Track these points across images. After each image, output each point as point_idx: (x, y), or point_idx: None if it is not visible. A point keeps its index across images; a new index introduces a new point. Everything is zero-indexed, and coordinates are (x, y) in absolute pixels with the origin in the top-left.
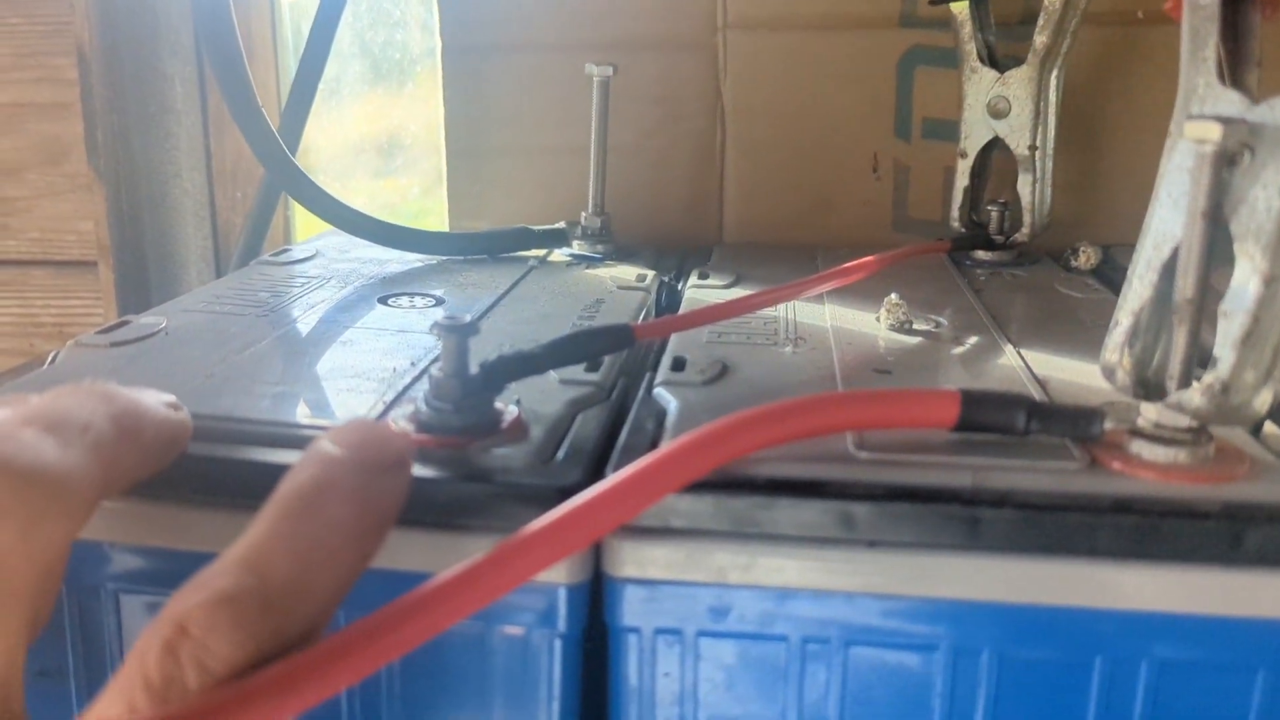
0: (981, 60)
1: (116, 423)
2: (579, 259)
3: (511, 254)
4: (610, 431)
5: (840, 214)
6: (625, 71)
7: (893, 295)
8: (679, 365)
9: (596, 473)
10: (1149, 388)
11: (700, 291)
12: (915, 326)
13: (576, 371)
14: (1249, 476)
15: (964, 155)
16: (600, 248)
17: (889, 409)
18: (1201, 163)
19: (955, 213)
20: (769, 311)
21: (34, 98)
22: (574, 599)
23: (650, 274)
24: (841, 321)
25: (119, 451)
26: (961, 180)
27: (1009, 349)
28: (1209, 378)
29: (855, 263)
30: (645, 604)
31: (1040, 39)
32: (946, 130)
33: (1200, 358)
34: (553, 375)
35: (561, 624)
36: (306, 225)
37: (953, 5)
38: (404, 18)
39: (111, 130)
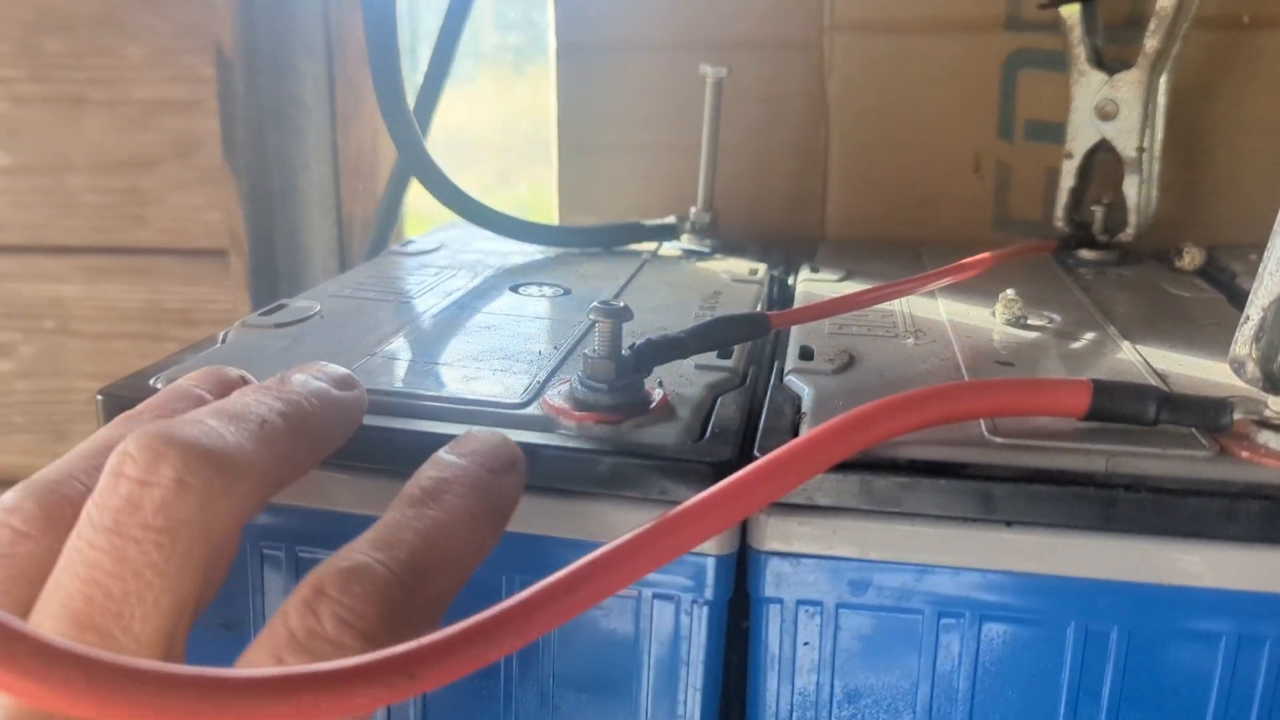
0: (1090, 63)
1: (289, 420)
2: (689, 253)
3: (624, 247)
4: (749, 415)
5: (941, 212)
6: (733, 71)
7: (1009, 291)
8: (807, 354)
9: (744, 452)
10: (1276, 381)
11: (813, 285)
12: (1030, 321)
13: (710, 358)
14: None
15: (1070, 156)
16: (709, 242)
17: (1023, 396)
18: None
19: (1060, 212)
20: (884, 306)
21: (170, 95)
22: (721, 569)
23: (761, 268)
24: (957, 316)
25: (291, 446)
26: (1067, 180)
27: (1125, 344)
28: None
29: (970, 259)
30: (788, 576)
31: (1151, 42)
32: (1049, 132)
33: None
34: (689, 361)
35: (709, 592)
36: (415, 221)
37: (1063, 9)
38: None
39: (248, 125)
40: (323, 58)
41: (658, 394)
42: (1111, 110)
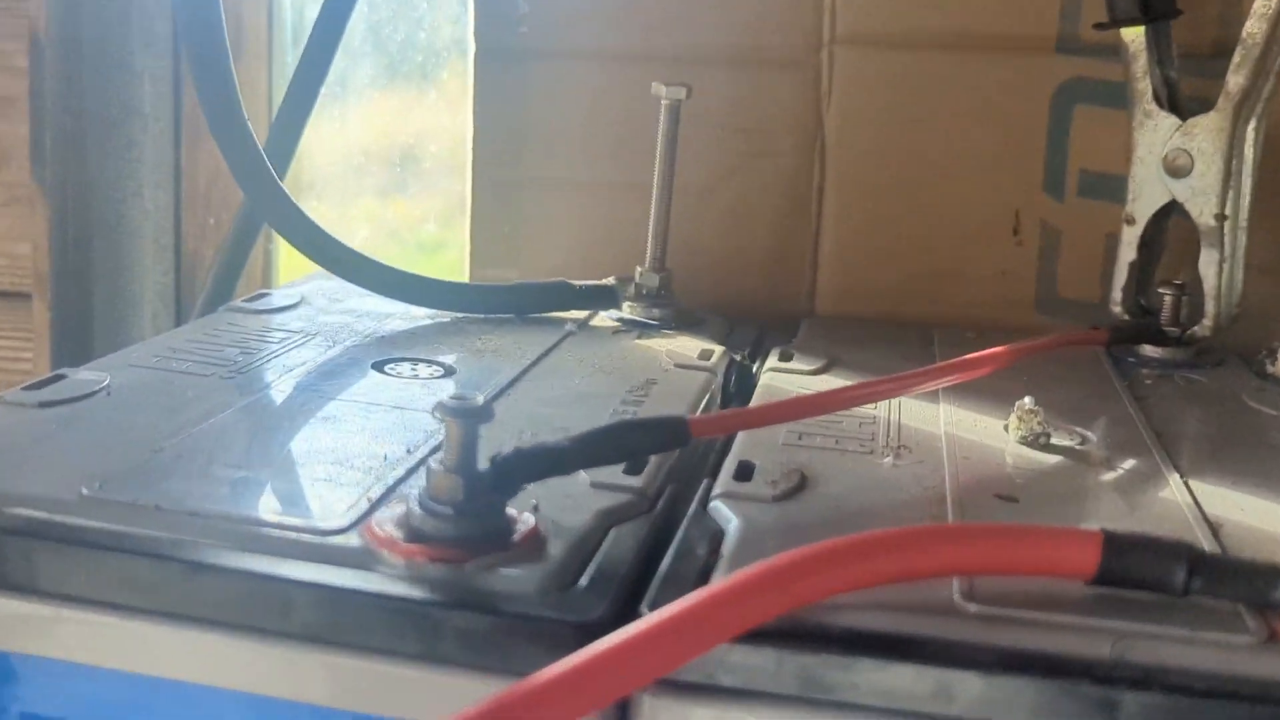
0: (1158, 102)
1: None
2: (630, 325)
3: (545, 314)
4: (651, 554)
5: (968, 287)
6: (700, 92)
7: (1026, 400)
8: (745, 473)
9: (628, 607)
10: None
11: (779, 377)
12: (1054, 441)
13: (614, 473)
14: None
15: (1131, 221)
16: (657, 313)
17: (1010, 550)
18: None
19: (1117, 294)
20: (866, 409)
21: None
22: None
23: (718, 350)
24: (960, 428)
25: None
26: (1127, 253)
27: (1174, 479)
28: None
29: (983, 353)
30: None
31: (1235, 79)
32: (1110, 188)
33: None
34: (584, 476)
35: None
36: (291, 265)
37: (1123, 31)
38: (429, 12)
39: (63, 134)
40: (167, 54)
41: (526, 523)
42: (1184, 164)
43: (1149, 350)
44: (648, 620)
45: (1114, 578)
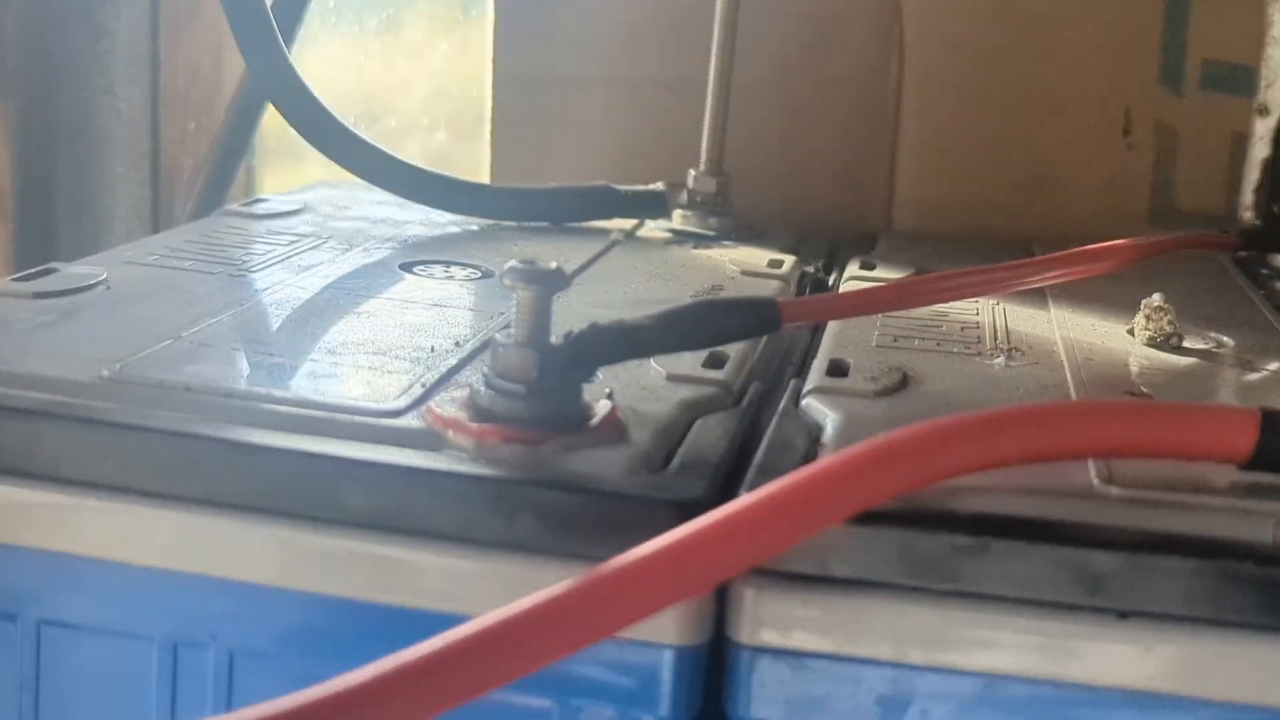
0: None
1: None
2: (683, 236)
3: (585, 224)
4: (742, 447)
5: (1069, 196)
6: None
7: (1156, 297)
8: (839, 370)
9: (725, 493)
10: None
11: (863, 286)
12: (1187, 344)
13: (693, 366)
14: None
15: (1265, 112)
16: (714, 222)
17: (1159, 427)
18: None
19: (1249, 197)
20: (967, 314)
21: None
22: (683, 670)
23: (789, 259)
24: (1076, 331)
25: None
26: (1261, 149)
27: None
28: None
29: (1100, 246)
30: (787, 687)
31: None
32: (1238, 79)
33: None
34: (659, 370)
35: (664, 706)
36: (274, 180)
37: None
38: None
39: (22, 21)
40: None
41: (603, 408)
42: None
43: None
44: (750, 498)
45: (1273, 459)
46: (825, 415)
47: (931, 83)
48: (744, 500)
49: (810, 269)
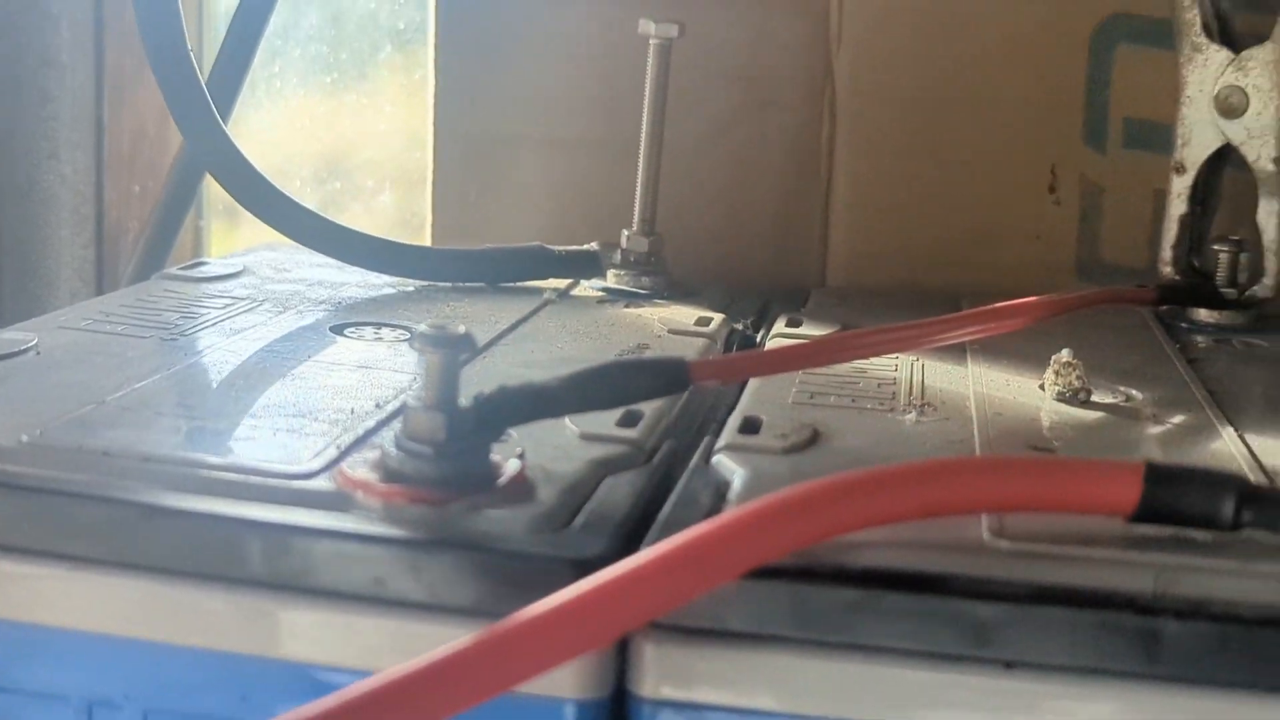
0: (1208, 34)
1: None
2: (616, 295)
3: (519, 283)
4: (649, 504)
5: (999, 251)
6: (694, 34)
7: (1064, 352)
8: (751, 427)
9: (626, 550)
10: None
11: (787, 343)
12: (1095, 399)
13: (606, 425)
14: None
15: (1180, 170)
16: (647, 281)
17: (1046, 483)
18: None
19: (1167, 253)
20: (886, 370)
21: None
22: None
23: (717, 317)
24: (990, 386)
25: None
26: (1178, 206)
27: (1228, 433)
28: None
29: (1017, 302)
30: None
31: None
32: (1158, 137)
33: None
34: (572, 428)
35: None
36: (225, 245)
37: None
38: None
39: None
40: None
41: (512, 468)
42: (1238, 103)
43: (1203, 314)
44: (648, 554)
45: (1157, 512)
46: (734, 472)
47: (863, 141)
48: (642, 556)
49: (739, 326)
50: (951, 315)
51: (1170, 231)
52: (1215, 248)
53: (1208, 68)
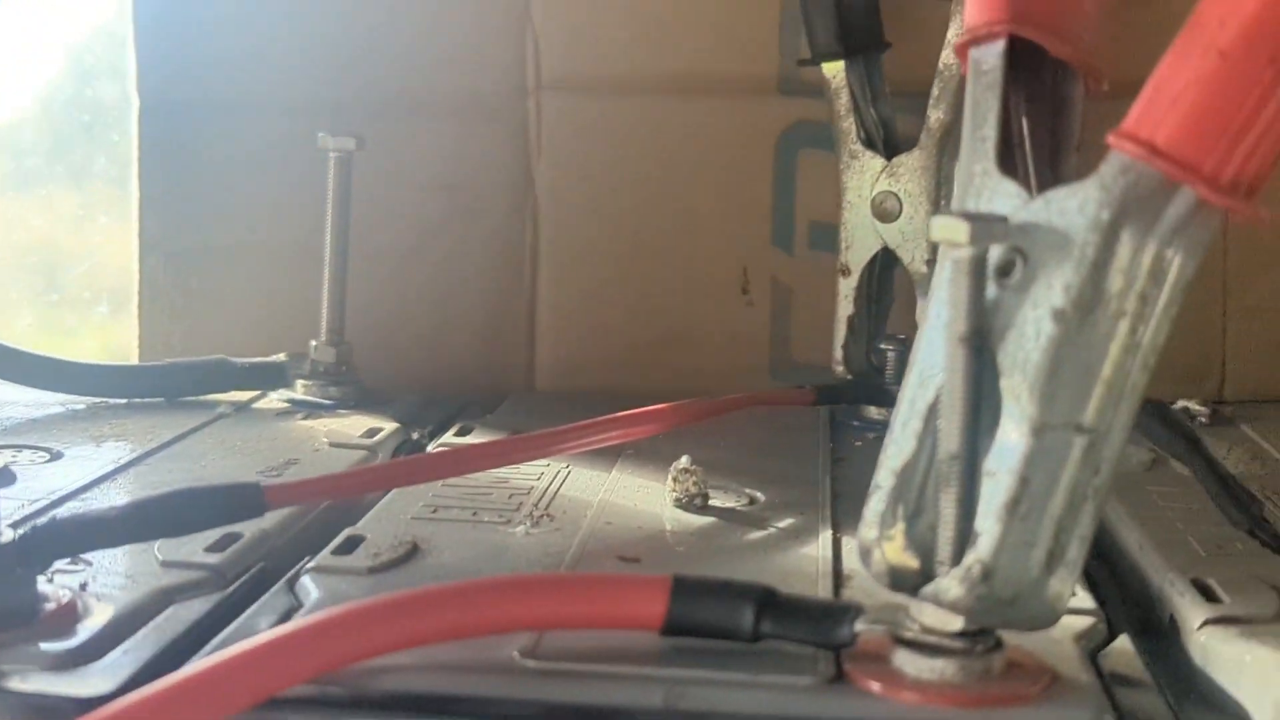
0: (864, 142)
1: None
2: (301, 406)
3: (204, 396)
4: (209, 632)
5: (697, 352)
6: (396, 145)
7: (683, 459)
8: (350, 546)
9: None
10: (906, 577)
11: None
12: (713, 503)
13: (194, 549)
14: (1041, 698)
15: (846, 272)
16: (335, 391)
17: (573, 600)
18: (957, 273)
19: (838, 353)
20: (528, 478)
21: None
22: None
23: (388, 427)
24: (619, 494)
25: None
26: (845, 307)
27: (826, 535)
28: (968, 559)
29: (643, 410)
30: None
31: (935, 114)
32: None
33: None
34: (158, 553)
35: None
36: None
37: (824, 66)
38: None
39: None
40: None
41: (62, 600)
42: (893, 207)
43: (875, 412)
44: (150, 689)
45: (684, 625)
46: (309, 594)
47: (565, 247)
48: (141, 692)
49: (417, 435)
50: (595, 420)
51: (840, 332)
52: (883, 346)
53: (864, 174)
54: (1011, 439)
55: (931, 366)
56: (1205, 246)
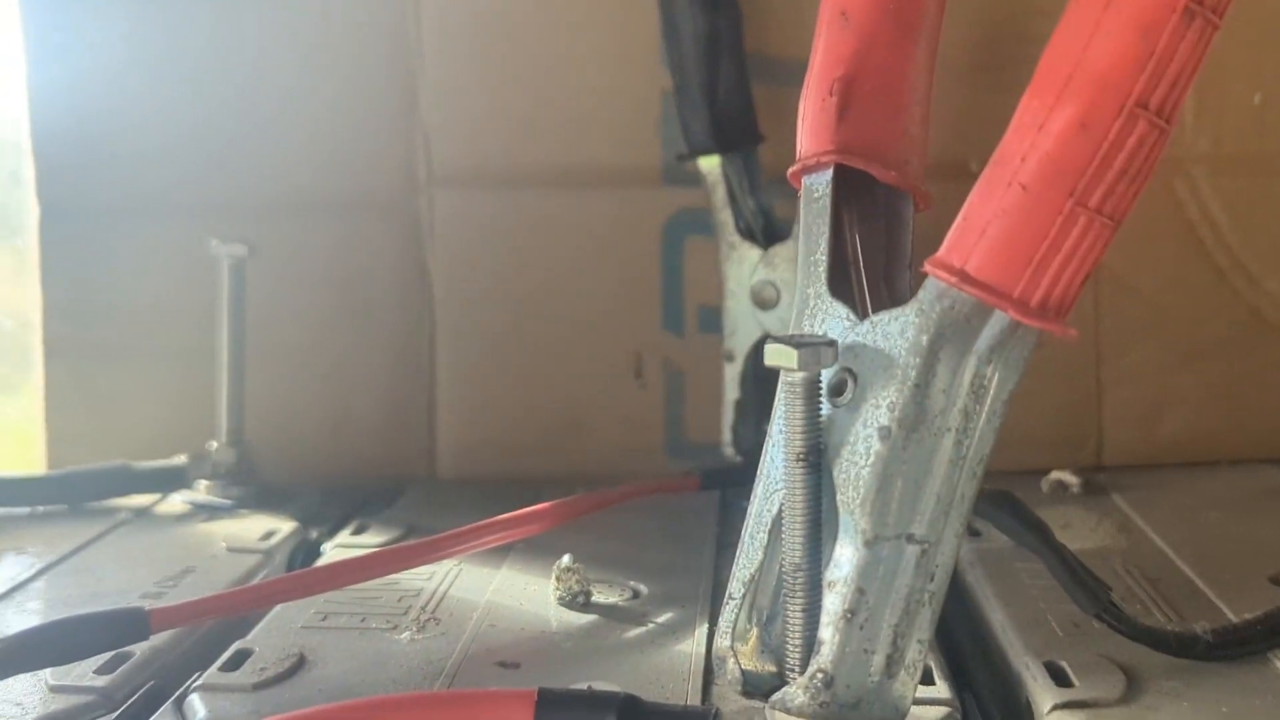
0: (741, 232)
1: None
2: (201, 508)
3: (106, 501)
4: None
5: (594, 437)
6: (290, 244)
7: (565, 558)
8: (237, 660)
9: None
10: (762, 684)
11: (344, 554)
12: (596, 599)
13: (84, 672)
14: None
15: (731, 358)
16: (236, 491)
17: (438, 718)
18: (791, 395)
19: (727, 435)
20: (419, 581)
21: None
22: None
23: (286, 528)
24: (505, 595)
25: None
26: (731, 392)
27: (702, 630)
28: (812, 667)
29: (528, 511)
30: None
31: None
32: None
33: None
34: (48, 677)
35: None
36: None
37: (700, 161)
38: None
39: None
40: None
41: None
42: (771, 296)
43: None
44: None
45: None
46: (196, 714)
47: (461, 338)
48: None
49: (315, 534)
50: (481, 523)
51: (728, 416)
52: (767, 429)
53: (743, 264)
54: (847, 552)
55: (775, 481)
56: (1025, 361)
